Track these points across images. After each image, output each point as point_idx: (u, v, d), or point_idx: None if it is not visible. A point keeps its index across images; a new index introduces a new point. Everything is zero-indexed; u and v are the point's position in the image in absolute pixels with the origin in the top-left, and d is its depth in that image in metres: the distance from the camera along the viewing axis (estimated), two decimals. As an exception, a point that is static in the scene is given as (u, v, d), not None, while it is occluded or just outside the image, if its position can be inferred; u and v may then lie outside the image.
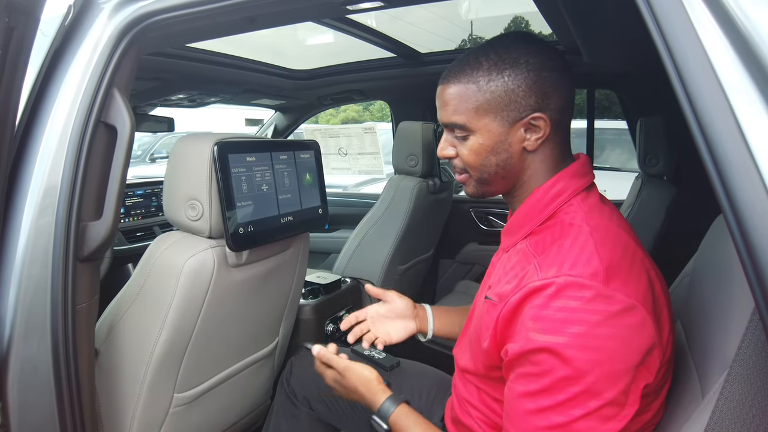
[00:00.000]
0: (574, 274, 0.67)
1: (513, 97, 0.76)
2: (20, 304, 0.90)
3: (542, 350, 0.67)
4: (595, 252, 0.69)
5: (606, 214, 0.79)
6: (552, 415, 0.67)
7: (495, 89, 0.77)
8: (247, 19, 1.10)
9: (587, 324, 0.65)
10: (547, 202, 0.80)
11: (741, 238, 0.46)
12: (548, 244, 0.75)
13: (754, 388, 0.50)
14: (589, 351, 0.65)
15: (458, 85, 0.79)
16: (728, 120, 0.47)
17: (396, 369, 1.31)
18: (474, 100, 0.78)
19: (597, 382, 0.65)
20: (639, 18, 0.56)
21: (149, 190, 2.27)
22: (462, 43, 4.93)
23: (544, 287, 0.68)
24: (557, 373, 0.66)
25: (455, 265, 2.79)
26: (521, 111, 0.77)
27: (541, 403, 0.68)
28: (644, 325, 0.67)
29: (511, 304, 0.72)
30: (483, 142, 0.79)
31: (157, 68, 1.78)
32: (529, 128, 0.78)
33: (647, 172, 2.27)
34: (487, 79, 0.77)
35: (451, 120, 0.80)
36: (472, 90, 0.78)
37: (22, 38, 0.78)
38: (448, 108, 0.81)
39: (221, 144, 1.06)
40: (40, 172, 0.91)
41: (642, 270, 0.72)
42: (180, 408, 1.20)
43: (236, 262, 1.15)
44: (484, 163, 0.81)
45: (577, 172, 0.81)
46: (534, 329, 0.68)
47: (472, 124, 0.79)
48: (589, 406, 0.65)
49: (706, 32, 0.50)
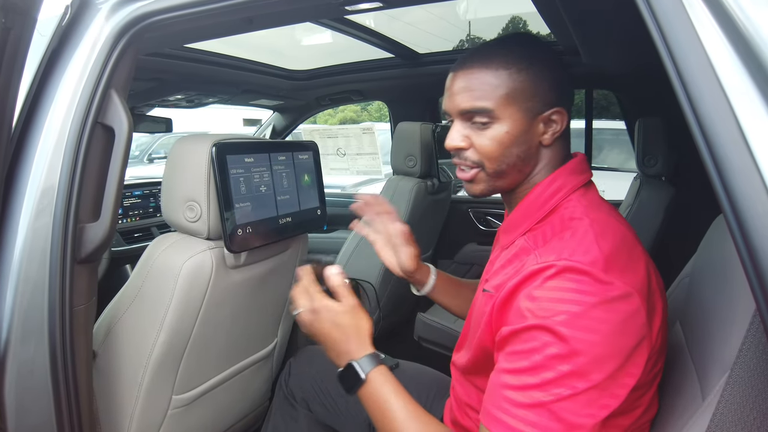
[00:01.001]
0: (573, 260, 0.67)
1: (539, 89, 0.77)
2: (17, 306, 0.90)
3: (536, 328, 0.66)
4: (595, 242, 0.69)
5: (605, 209, 0.79)
6: (534, 393, 0.65)
7: (526, 78, 0.77)
8: (246, 20, 1.10)
9: (584, 305, 0.64)
10: (546, 198, 0.80)
11: (742, 239, 0.46)
12: (548, 237, 0.75)
13: (755, 390, 0.50)
14: (584, 331, 0.64)
15: (488, 70, 0.77)
16: (729, 121, 0.47)
17: (395, 370, 1.30)
18: (505, 87, 0.76)
19: (587, 363, 0.64)
20: (638, 18, 0.56)
21: (147, 190, 2.26)
22: (460, 44, 4.93)
23: (543, 269, 0.68)
24: (549, 351, 0.65)
25: (454, 266, 2.79)
26: (544, 104, 0.78)
27: (526, 381, 0.66)
28: (638, 314, 0.66)
29: (508, 288, 0.72)
30: (509, 131, 0.78)
31: (155, 69, 1.78)
32: (548, 122, 0.79)
33: (646, 173, 2.27)
34: (518, 67, 0.77)
35: (475, 105, 0.78)
36: (504, 76, 0.77)
37: (18, 39, 0.78)
38: (471, 93, 0.78)
39: (219, 145, 1.06)
40: (38, 174, 0.91)
41: (640, 262, 0.72)
42: (178, 410, 1.19)
43: (235, 264, 1.15)
44: (506, 153, 0.79)
45: (575, 168, 0.82)
46: (529, 308, 0.67)
47: (500, 111, 0.77)
48: (575, 387, 0.63)
49: (706, 33, 0.50)
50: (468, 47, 3.08)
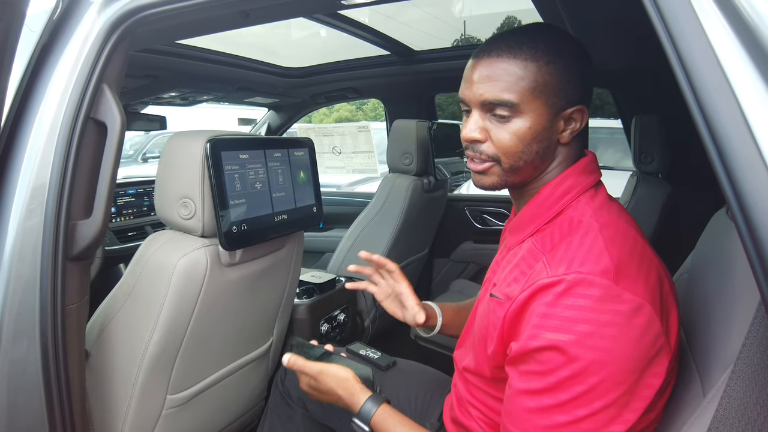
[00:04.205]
0: (584, 272, 0.66)
1: (565, 85, 0.74)
2: (8, 304, 0.88)
3: (548, 348, 0.65)
4: (605, 249, 0.68)
5: (614, 211, 0.77)
6: (555, 415, 0.66)
7: (554, 72, 0.73)
8: (242, 14, 1.08)
9: (596, 323, 0.64)
10: (556, 199, 0.78)
11: (748, 233, 0.45)
12: (557, 241, 0.73)
13: (758, 385, 0.50)
14: (596, 351, 0.63)
15: (515, 60, 0.73)
16: (735, 114, 0.46)
17: (392, 368, 1.30)
18: (532, 80, 0.72)
19: (602, 382, 0.64)
20: (637, 14, 0.55)
21: (141, 189, 2.25)
22: (455, 42, 4.92)
23: (554, 284, 0.67)
24: (562, 372, 0.65)
25: (450, 264, 2.78)
26: (568, 101, 0.75)
27: (544, 402, 0.67)
28: (652, 325, 0.65)
29: (518, 301, 0.70)
30: (531, 126, 0.74)
31: (150, 65, 1.77)
32: (568, 120, 0.76)
33: (642, 170, 2.27)
34: (547, 60, 0.72)
35: (500, 97, 0.73)
36: (532, 68, 0.72)
37: (6, 32, 0.76)
38: (495, 83, 0.73)
39: (214, 141, 1.04)
40: (28, 170, 0.89)
41: (651, 268, 0.71)
42: (173, 410, 1.18)
43: (230, 262, 1.13)
44: (525, 150, 0.75)
45: (586, 169, 0.80)
46: (541, 326, 0.66)
47: (525, 104, 0.73)
48: (593, 407, 0.64)
49: (711, 25, 0.49)
50: (462, 46, 3.08)
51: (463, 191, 4.22)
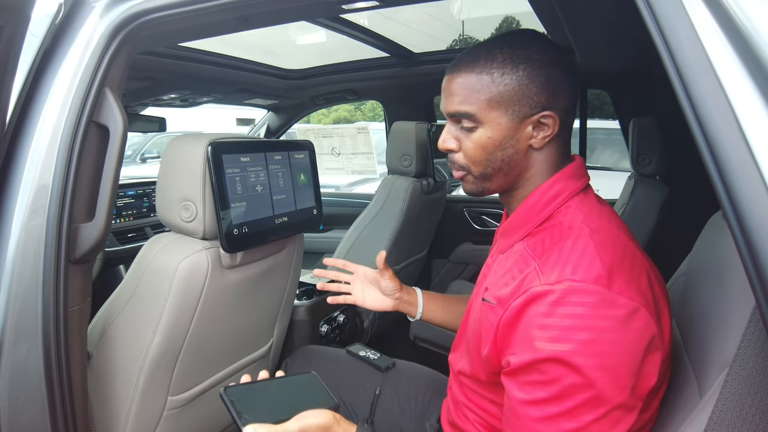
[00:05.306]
0: (577, 279, 0.66)
1: (526, 92, 0.75)
2: (11, 307, 0.89)
3: (549, 360, 0.66)
4: (597, 255, 0.68)
5: (605, 215, 0.78)
6: (562, 422, 0.67)
7: (509, 83, 0.75)
8: (241, 19, 1.09)
9: (594, 330, 0.64)
10: (545, 203, 0.79)
11: (742, 238, 0.46)
12: (548, 247, 0.74)
13: (754, 387, 0.50)
14: (597, 357, 0.64)
15: (470, 75, 0.77)
16: (729, 120, 0.47)
17: (391, 370, 1.30)
18: (486, 92, 0.76)
19: (606, 387, 0.64)
20: (634, 17, 0.56)
21: (141, 190, 2.25)
22: (453, 43, 4.93)
23: (547, 293, 0.67)
24: (566, 381, 0.65)
25: (449, 265, 2.79)
26: (532, 108, 0.76)
27: (549, 411, 0.67)
28: (648, 327, 0.66)
29: (512, 309, 0.70)
30: (491, 136, 0.77)
31: (150, 68, 1.77)
32: (537, 126, 0.77)
33: (640, 172, 2.28)
34: (501, 71, 0.75)
35: (459, 109, 0.78)
36: (486, 81, 0.76)
37: (11, 37, 0.77)
38: (456, 97, 0.78)
39: (215, 144, 1.05)
40: (31, 173, 0.89)
41: (642, 271, 0.72)
42: (174, 411, 1.18)
43: (230, 264, 1.14)
44: (490, 158, 0.79)
45: (574, 173, 0.81)
46: (540, 338, 0.66)
47: (482, 115, 0.77)
48: (598, 411, 0.65)
49: (705, 32, 0.50)
50: (460, 47, 3.09)
51: (462, 192, 4.23)
